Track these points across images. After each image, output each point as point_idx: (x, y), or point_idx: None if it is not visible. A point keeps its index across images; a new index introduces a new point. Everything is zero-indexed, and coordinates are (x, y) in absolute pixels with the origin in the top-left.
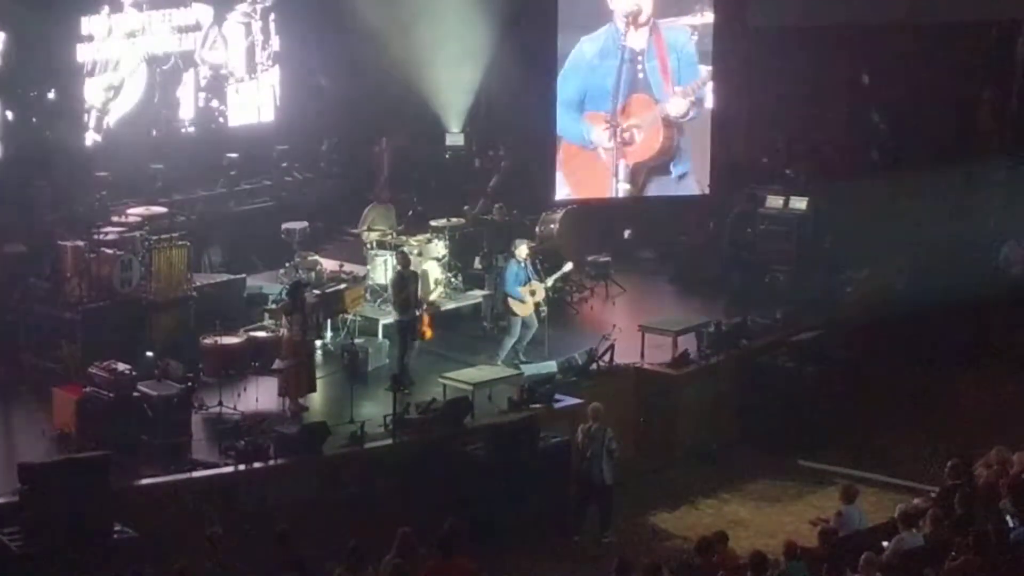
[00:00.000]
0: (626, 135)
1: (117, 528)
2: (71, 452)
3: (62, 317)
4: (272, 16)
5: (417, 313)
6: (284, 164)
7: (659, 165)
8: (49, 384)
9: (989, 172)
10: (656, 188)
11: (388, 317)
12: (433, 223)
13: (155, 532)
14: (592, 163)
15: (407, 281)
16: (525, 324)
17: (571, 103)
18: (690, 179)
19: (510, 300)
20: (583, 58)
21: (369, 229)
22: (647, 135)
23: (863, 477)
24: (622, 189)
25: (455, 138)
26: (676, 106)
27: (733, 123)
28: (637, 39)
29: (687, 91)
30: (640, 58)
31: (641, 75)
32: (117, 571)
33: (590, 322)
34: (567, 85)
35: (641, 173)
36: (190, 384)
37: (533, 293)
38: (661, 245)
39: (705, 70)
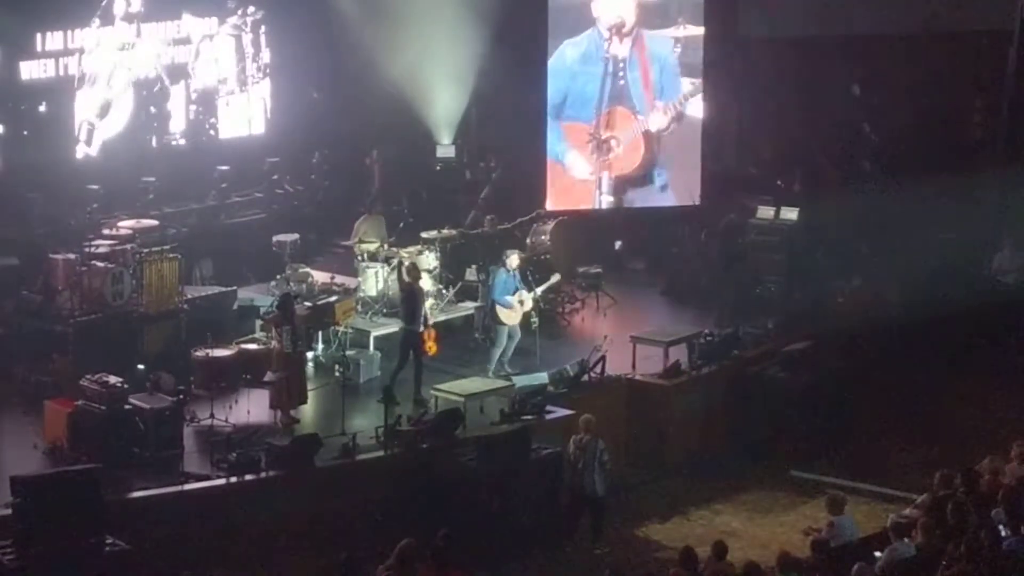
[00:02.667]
0: (605, 147)
1: (109, 541)
2: (63, 465)
3: (54, 330)
4: (263, 29)
5: (422, 328)
6: (275, 176)
7: (639, 176)
8: (41, 397)
9: (980, 181)
10: (639, 200)
11: (380, 329)
12: (424, 235)
13: (147, 545)
14: (569, 175)
15: (416, 295)
16: (510, 334)
17: (551, 108)
18: (670, 190)
19: (498, 308)
20: (564, 63)
21: (360, 241)
22: (628, 148)
23: (855, 487)
24: (605, 202)
25: (446, 150)
26: (657, 121)
27: (724, 134)
28: (620, 48)
29: (668, 107)
30: (622, 67)
31: (622, 83)
32: None
33: (581, 333)
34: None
35: (623, 187)
36: (181, 397)
37: (521, 303)
38: (652, 256)
39: (688, 82)
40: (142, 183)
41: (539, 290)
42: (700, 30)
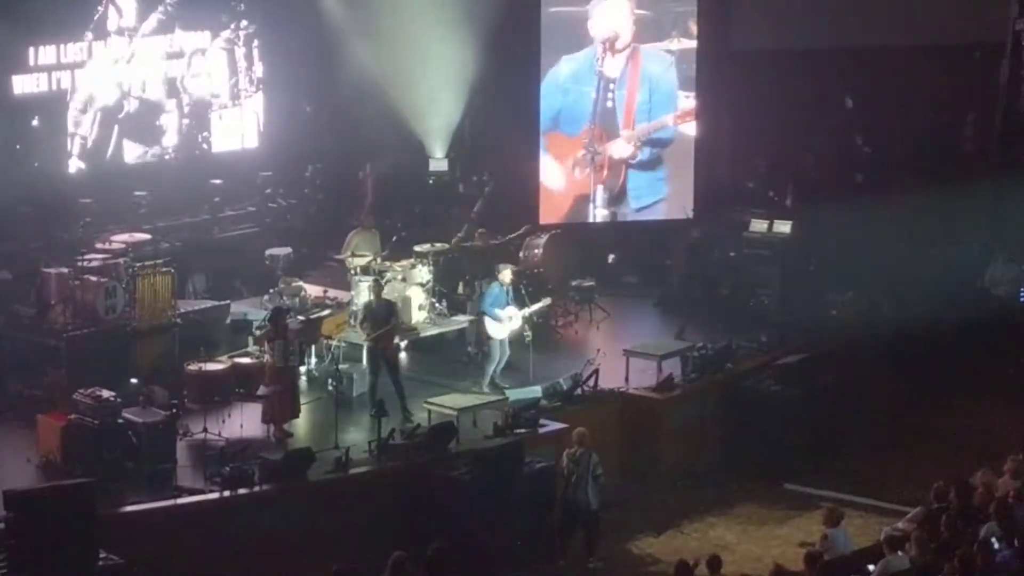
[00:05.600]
0: (598, 161)
1: (102, 555)
2: (56, 479)
3: (47, 344)
4: (255, 42)
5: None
6: (268, 190)
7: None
8: (34, 411)
9: (973, 194)
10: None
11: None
12: (417, 248)
13: (141, 559)
14: (546, 186)
15: (376, 312)
16: (501, 349)
17: (543, 122)
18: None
19: (486, 321)
20: (557, 78)
21: (353, 255)
22: (601, 171)
23: (849, 500)
24: (600, 215)
25: (439, 163)
26: (619, 149)
27: (716, 147)
28: (613, 66)
29: (632, 136)
30: (612, 86)
31: (610, 104)
32: None
33: (575, 347)
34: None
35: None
36: (175, 411)
37: (511, 318)
38: (645, 269)
39: (683, 96)
40: (135, 197)
41: (527, 311)
42: (694, 43)
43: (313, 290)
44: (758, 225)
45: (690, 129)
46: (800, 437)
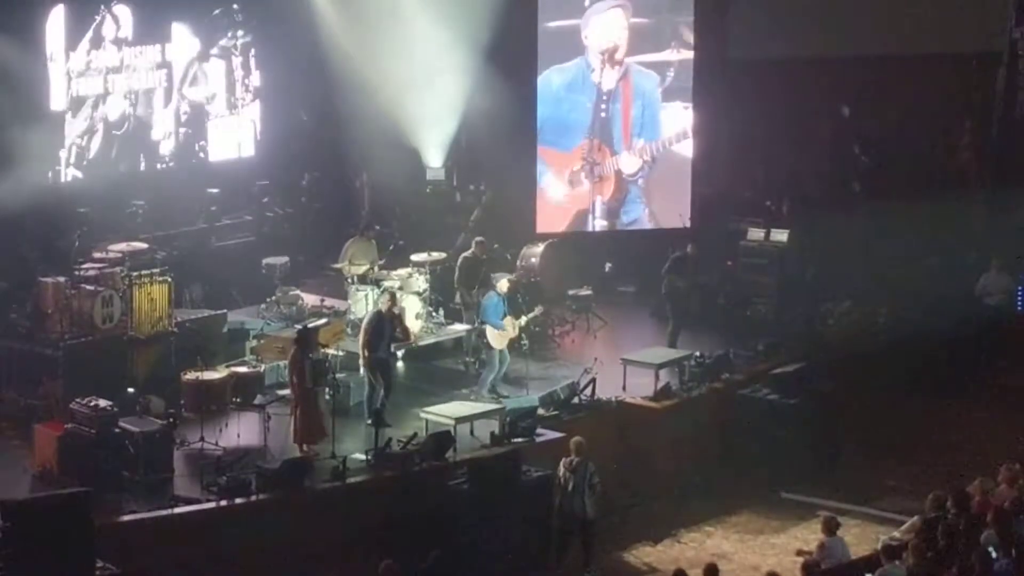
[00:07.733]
0: (597, 172)
1: (99, 565)
2: (53, 489)
3: (43, 354)
4: (252, 51)
5: (391, 351)
6: (265, 199)
7: (611, 210)
8: (30, 421)
9: (969, 203)
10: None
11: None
12: (414, 258)
13: (137, 569)
14: (544, 197)
15: (384, 324)
16: (500, 358)
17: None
18: (642, 222)
19: (488, 331)
20: (549, 88)
21: (350, 264)
22: (602, 183)
23: (846, 509)
24: (599, 225)
25: (436, 172)
26: (629, 164)
27: (714, 156)
28: (607, 78)
29: (644, 150)
30: (606, 99)
31: (604, 115)
32: None
33: (572, 356)
34: None
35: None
36: (171, 420)
37: (513, 327)
38: (642, 279)
39: (681, 107)
40: (131, 206)
41: (523, 320)
42: (691, 53)
43: (310, 299)
44: (755, 234)
45: (684, 146)
46: (797, 446)
